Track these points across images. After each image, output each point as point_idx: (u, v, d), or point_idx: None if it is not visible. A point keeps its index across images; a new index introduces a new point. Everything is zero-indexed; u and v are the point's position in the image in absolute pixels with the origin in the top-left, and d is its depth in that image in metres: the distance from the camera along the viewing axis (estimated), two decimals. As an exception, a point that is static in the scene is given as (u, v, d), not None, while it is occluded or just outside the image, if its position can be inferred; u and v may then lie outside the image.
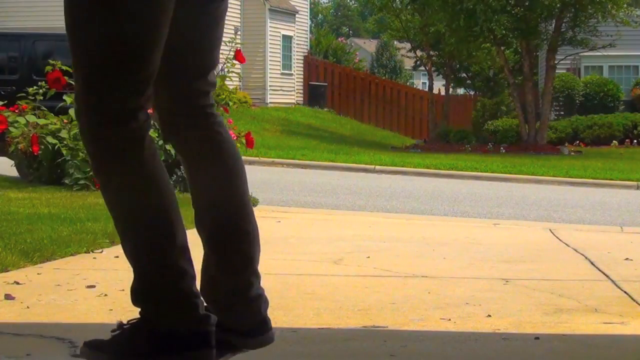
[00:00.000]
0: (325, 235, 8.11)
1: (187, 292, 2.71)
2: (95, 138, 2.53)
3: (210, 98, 2.75)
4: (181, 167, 10.47)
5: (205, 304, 2.75)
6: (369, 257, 6.66)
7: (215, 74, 2.81)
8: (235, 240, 2.79)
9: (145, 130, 2.55)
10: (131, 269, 2.81)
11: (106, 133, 2.51)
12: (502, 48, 29.01)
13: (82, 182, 10.16)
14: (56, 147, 10.67)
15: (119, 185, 2.57)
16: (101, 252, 6.55)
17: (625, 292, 5.40)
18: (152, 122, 2.62)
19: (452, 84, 36.40)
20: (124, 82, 2.49)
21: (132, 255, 2.65)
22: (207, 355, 2.63)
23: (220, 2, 2.75)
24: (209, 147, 2.69)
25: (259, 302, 2.82)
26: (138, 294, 2.71)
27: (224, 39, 2.90)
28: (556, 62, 27.44)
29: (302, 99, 37.56)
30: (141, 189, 2.56)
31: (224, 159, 2.71)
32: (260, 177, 15.01)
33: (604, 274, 6.13)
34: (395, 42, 47.96)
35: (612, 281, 5.82)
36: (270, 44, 34.90)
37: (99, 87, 2.48)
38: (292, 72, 37.27)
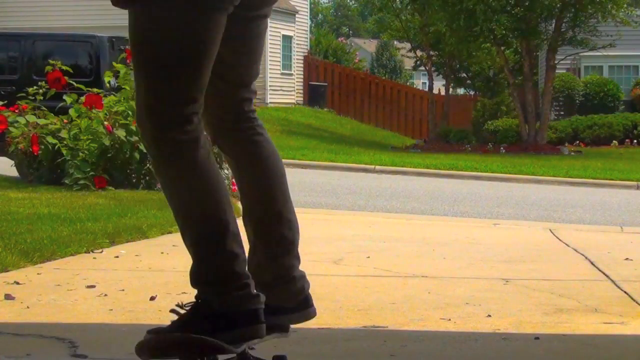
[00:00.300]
0: (325, 235, 8.11)
1: (240, 274, 2.96)
2: (158, 140, 2.88)
3: (252, 104, 3.13)
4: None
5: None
6: (369, 257, 6.66)
7: None
8: (279, 228, 3.12)
9: (200, 132, 2.91)
10: (130, 269, 3.29)
11: (168, 135, 2.86)
12: (502, 48, 29.01)
13: (82, 182, 10.15)
14: (56, 147, 10.67)
15: (179, 182, 2.92)
16: (101, 252, 6.55)
17: (625, 292, 5.40)
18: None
19: (452, 84, 36.39)
20: (182, 92, 2.86)
21: (191, 243, 2.96)
22: (259, 330, 2.97)
23: (262, 20, 3.10)
24: (253, 148, 3.08)
25: (301, 281, 3.18)
26: (197, 278, 2.98)
27: None
28: (556, 62, 27.43)
29: (302, 99, 37.56)
30: (198, 183, 2.90)
31: (267, 158, 3.09)
32: (260, 177, 15.01)
33: (604, 274, 6.13)
34: (395, 42, 47.96)
35: (612, 281, 5.82)
36: (270, 44, 34.89)
37: (161, 96, 2.86)
38: (292, 72, 37.28)
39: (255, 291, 2.98)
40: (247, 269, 3.01)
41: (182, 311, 3.06)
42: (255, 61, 3.12)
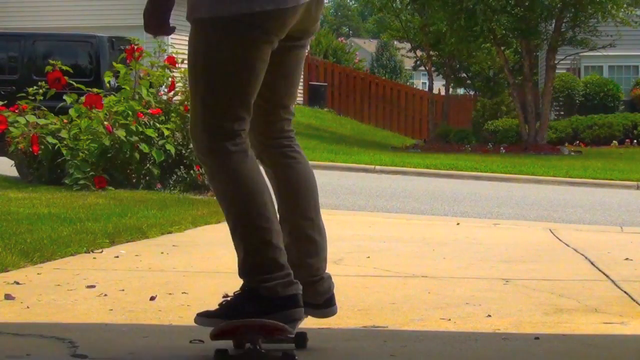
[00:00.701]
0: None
1: (283, 264, 3.40)
2: (213, 151, 3.34)
3: (291, 124, 3.59)
4: (181, 167, 10.52)
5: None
6: (369, 257, 6.66)
7: None
8: (312, 234, 3.59)
9: (248, 145, 3.38)
10: (130, 269, 4.09)
11: (221, 146, 3.33)
12: (502, 48, 29.00)
13: (82, 182, 10.15)
14: (56, 147, 10.67)
15: (230, 186, 3.36)
16: (101, 252, 6.55)
17: (625, 292, 5.40)
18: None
19: (452, 84, 36.36)
20: (234, 111, 3.33)
21: (242, 239, 3.39)
22: (299, 313, 3.41)
23: (301, 49, 3.52)
24: (291, 163, 3.57)
25: (328, 282, 3.66)
26: (245, 269, 3.41)
27: None
28: (556, 62, 27.42)
29: (302, 99, 37.55)
30: (246, 188, 3.35)
31: (302, 173, 3.61)
32: (260, 177, 15.01)
33: (604, 274, 6.13)
34: (395, 42, 47.95)
35: (612, 281, 5.83)
36: (270, 44, 34.90)
37: (218, 114, 3.33)
38: (292, 72, 37.16)
39: (294, 279, 3.41)
40: None
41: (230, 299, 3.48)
42: (293, 85, 3.55)
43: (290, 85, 3.54)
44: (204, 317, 3.50)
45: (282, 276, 3.39)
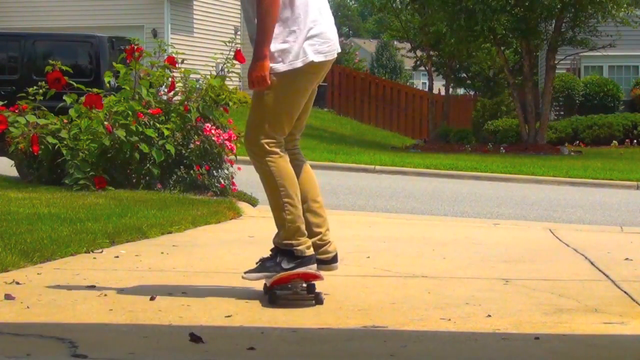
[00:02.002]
0: (325, 235, 8.09)
1: (305, 233, 4.91)
2: (265, 151, 4.85)
3: (298, 142, 5.15)
4: (181, 167, 10.51)
5: None
6: (369, 257, 6.66)
7: (216, 74, 5.58)
8: (319, 211, 5.05)
9: (285, 152, 4.92)
10: (130, 269, 5.51)
11: (274, 151, 4.86)
12: (502, 48, 28.99)
13: (82, 182, 10.14)
14: (56, 147, 10.67)
15: (278, 178, 4.85)
16: (101, 252, 6.55)
17: (625, 292, 5.40)
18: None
19: (452, 84, 36.34)
20: (284, 129, 4.91)
21: (280, 215, 4.88)
22: (315, 267, 4.89)
23: (316, 91, 5.04)
24: (300, 164, 5.07)
25: (333, 245, 5.10)
26: (277, 238, 4.93)
27: (224, 38, 4.98)
28: (556, 62, 27.41)
29: (302, 99, 37.57)
30: (288, 179, 4.87)
31: (307, 170, 5.10)
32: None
33: (604, 274, 6.13)
34: (395, 42, 47.95)
35: (612, 281, 5.83)
36: (270, 44, 34.90)
37: (277, 130, 4.87)
38: (292, 72, 37.13)
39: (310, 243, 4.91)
40: None
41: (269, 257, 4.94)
42: (307, 114, 5.11)
43: (306, 116, 5.11)
44: (251, 273, 4.92)
45: (306, 241, 4.89)
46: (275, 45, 4.77)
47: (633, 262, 6.71)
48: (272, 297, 4.82)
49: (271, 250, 4.98)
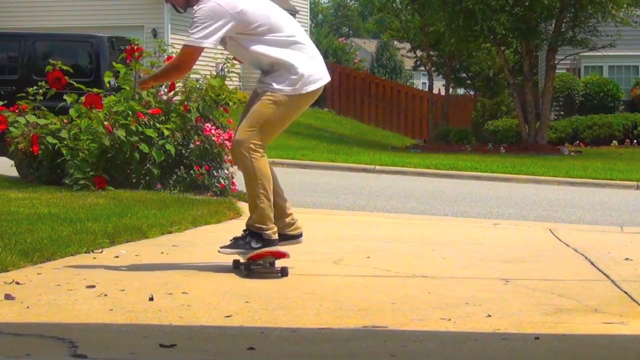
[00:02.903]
0: (325, 235, 8.11)
1: (273, 220, 5.84)
2: (252, 152, 5.75)
3: None
4: (181, 167, 10.51)
5: None
6: (369, 257, 6.66)
7: (216, 74, 6.02)
8: (284, 196, 6.08)
9: (265, 153, 5.85)
10: (130, 270, 5.84)
11: (261, 153, 5.79)
12: (502, 48, 28.98)
13: (82, 182, 10.14)
14: (56, 147, 10.66)
15: (258, 172, 5.75)
16: (101, 252, 6.55)
17: (625, 292, 5.40)
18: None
19: (452, 84, 36.33)
20: (270, 138, 5.92)
21: (255, 202, 5.80)
22: (278, 247, 5.85)
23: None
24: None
25: (298, 222, 6.11)
26: (250, 221, 5.84)
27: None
28: (556, 62, 27.39)
29: (302, 99, 37.55)
30: (263, 175, 5.77)
31: (270, 166, 5.97)
32: (260, 177, 14.98)
33: (604, 274, 6.13)
34: (395, 42, 47.92)
35: (612, 281, 5.83)
36: (270, 44, 34.85)
37: (267, 137, 5.86)
38: (292, 72, 37.06)
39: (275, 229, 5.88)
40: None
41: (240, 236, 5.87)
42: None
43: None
44: (225, 248, 5.86)
45: (273, 227, 5.85)
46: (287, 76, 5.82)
47: (633, 262, 6.71)
48: (249, 270, 5.75)
49: (243, 230, 5.89)
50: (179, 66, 5.80)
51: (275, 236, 5.85)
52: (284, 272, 5.76)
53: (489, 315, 4.64)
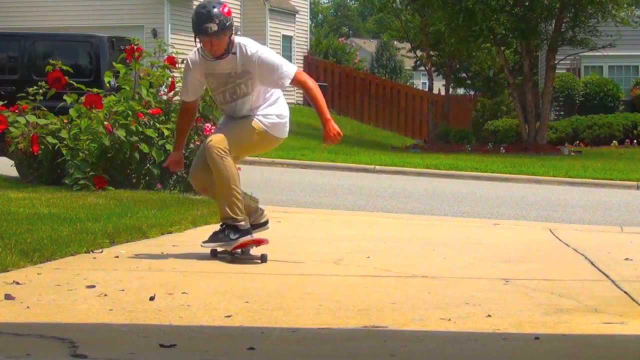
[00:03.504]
0: (326, 235, 8.11)
1: (243, 211, 6.51)
2: (225, 156, 6.35)
3: None
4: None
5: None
6: (369, 257, 6.66)
7: None
8: (244, 192, 6.74)
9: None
10: (130, 269, 5.86)
11: (228, 155, 6.38)
12: (502, 48, 28.97)
13: (82, 182, 10.14)
14: (56, 147, 10.66)
15: (227, 172, 6.36)
16: (101, 252, 6.55)
17: (625, 292, 5.40)
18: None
19: (452, 84, 36.30)
20: (240, 154, 6.72)
21: (229, 196, 6.41)
22: (251, 236, 6.53)
23: None
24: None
25: (265, 212, 6.88)
26: (226, 215, 6.45)
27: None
28: (556, 62, 27.39)
29: (302, 99, 37.54)
30: (234, 173, 6.40)
31: None
32: (260, 177, 15.01)
33: (604, 274, 6.13)
34: (395, 42, 47.91)
35: (612, 281, 5.83)
36: (271, 44, 34.88)
37: (237, 151, 6.53)
38: (292, 72, 37.03)
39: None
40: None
41: (219, 229, 6.53)
42: None
43: None
44: (207, 242, 6.49)
45: (245, 218, 6.51)
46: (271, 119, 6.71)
47: (633, 262, 6.71)
48: (234, 258, 6.43)
49: (221, 225, 6.53)
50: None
51: (248, 225, 6.50)
52: (263, 258, 6.36)
53: (489, 315, 4.64)
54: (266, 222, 6.88)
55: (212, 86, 6.52)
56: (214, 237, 6.48)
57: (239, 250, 6.44)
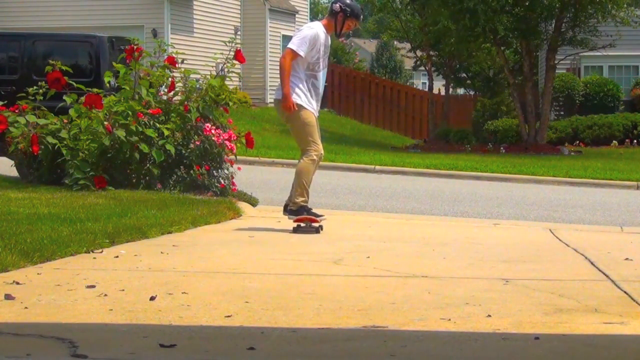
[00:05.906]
0: (325, 235, 8.11)
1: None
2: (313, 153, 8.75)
3: None
4: (181, 167, 10.53)
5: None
6: (369, 257, 6.66)
7: (216, 74, 6.52)
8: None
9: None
10: (130, 269, 5.78)
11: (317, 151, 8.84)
12: (502, 48, 28.97)
13: (82, 182, 10.14)
14: (56, 147, 10.66)
15: (308, 173, 8.67)
16: (101, 252, 6.55)
17: (625, 292, 5.40)
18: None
19: (452, 84, 36.31)
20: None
21: (303, 189, 8.49)
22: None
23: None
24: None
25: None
26: (299, 203, 8.42)
27: (223, 38, 5.76)
28: (556, 62, 27.39)
29: (302, 99, 37.56)
30: (311, 171, 8.67)
31: None
32: (260, 177, 15.01)
33: (604, 274, 6.13)
34: (395, 42, 47.93)
35: (612, 281, 5.83)
36: (270, 44, 34.90)
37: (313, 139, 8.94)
38: (292, 72, 37.04)
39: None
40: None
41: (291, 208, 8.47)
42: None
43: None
44: (288, 214, 8.45)
45: (308, 203, 8.42)
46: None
47: (633, 262, 6.71)
48: (296, 228, 8.33)
49: (291, 204, 8.48)
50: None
51: (309, 207, 8.52)
52: (318, 230, 8.31)
53: (489, 315, 4.64)
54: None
55: (320, 53, 8.58)
56: (290, 211, 8.50)
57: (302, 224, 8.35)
